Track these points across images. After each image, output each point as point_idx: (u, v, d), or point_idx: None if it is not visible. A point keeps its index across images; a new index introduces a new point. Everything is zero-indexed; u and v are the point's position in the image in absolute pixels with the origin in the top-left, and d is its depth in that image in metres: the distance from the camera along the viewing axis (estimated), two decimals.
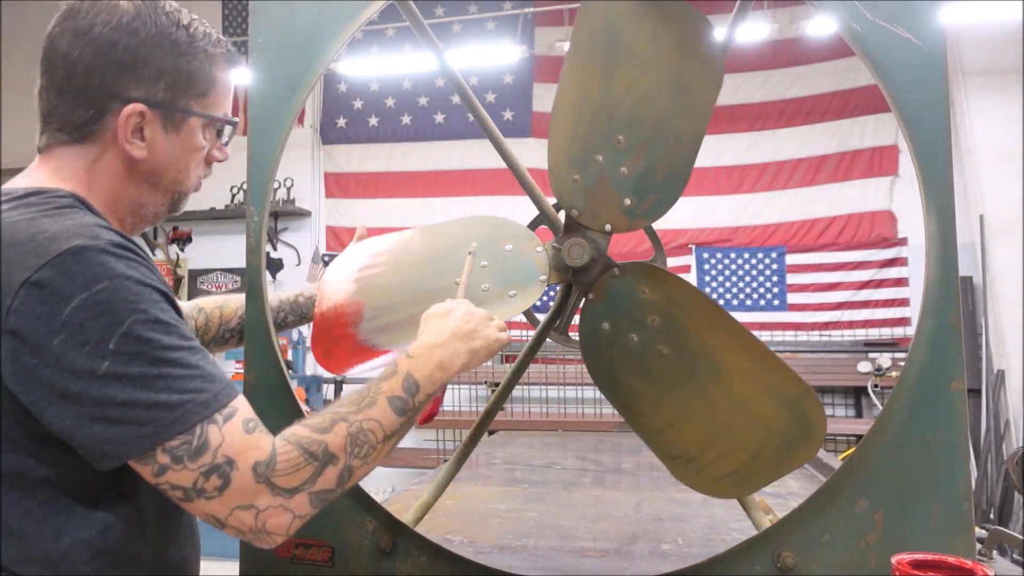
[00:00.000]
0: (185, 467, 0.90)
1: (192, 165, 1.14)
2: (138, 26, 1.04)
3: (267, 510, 0.93)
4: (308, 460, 0.96)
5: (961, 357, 1.31)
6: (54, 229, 0.92)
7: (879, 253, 6.22)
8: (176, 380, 0.90)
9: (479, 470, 2.85)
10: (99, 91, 1.03)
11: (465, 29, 6.83)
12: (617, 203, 1.38)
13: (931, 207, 1.33)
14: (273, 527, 0.94)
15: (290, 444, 0.96)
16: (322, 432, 0.98)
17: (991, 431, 5.47)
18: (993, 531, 1.57)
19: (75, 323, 0.86)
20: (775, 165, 6.48)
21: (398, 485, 6.09)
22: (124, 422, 0.88)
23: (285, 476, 0.94)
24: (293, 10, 1.52)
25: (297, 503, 0.95)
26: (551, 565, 1.65)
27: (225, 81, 1.15)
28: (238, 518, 0.92)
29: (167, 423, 0.89)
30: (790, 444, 1.35)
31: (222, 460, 0.91)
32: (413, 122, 7.05)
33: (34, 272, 0.87)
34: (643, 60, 1.36)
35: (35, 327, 0.87)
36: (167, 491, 0.92)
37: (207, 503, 0.92)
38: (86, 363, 0.87)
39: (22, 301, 0.87)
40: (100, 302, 0.88)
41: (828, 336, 6.25)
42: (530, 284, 1.44)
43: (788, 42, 6.36)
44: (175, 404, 0.89)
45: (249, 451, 0.93)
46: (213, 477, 0.91)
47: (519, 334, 5.98)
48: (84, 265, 0.89)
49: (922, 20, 1.34)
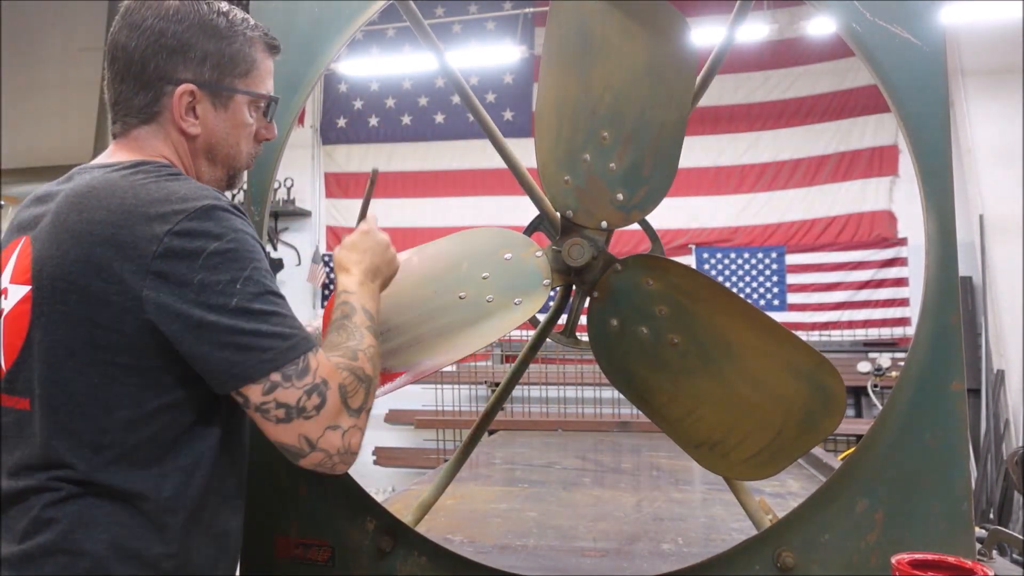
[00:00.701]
0: (293, 385, 1.03)
1: (242, 141, 1.26)
2: (183, 15, 1.17)
3: (349, 430, 1.07)
4: (359, 382, 1.10)
5: (961, 357, 1.31)
6: (183, 190, 1.07)
7: (879, 253, 6.22)
8: (286, 318, 1.06)
9: (479, 470, 2.85)
10: (154, 75, 1.17)
11: (465, 29, 6.83)
12: (610, 199, 1.39)
13: (931, 207, 1.33)
14: (355, 445, 1.09)
15: (345, 372, 1.09)
16: (354, 360, 1.12)
17: (991, 431, 5.47)
18: (993, 531, 1.57)
19: (210, 266, 1.02)
20: (775, 165, 6.48)
21: (398, 485, 6.09)
22: (249, 349, 1.02)
23: (352, 397, 1.09)
24: (293, 10, 1.52)
25: (363, 420, 1.10)
26: (551, 565, 1.65)
27: (265, 62, 1.27)
28: (328, 439, 1.05)
29: (283, 350, 1.03)
30: (812, 417, 1.34)
31: (320, 380, 1.05)
32: (413, 122, 7.05)
33: (175, 225, 1.02)
34: (616, 55, 1.36)
35: (178, 269, 1.01)
36: (270, 411, 1.03)
37: (304, 423, 1.04)
38: (219, 299, 1.02)
39: (166, 249, 1.01)
40: (229, 251, 1.04)
41: (828, 336, 6.25)
42: (534, 289, 1.43)
43: (788, 42, 6.36)
44: (288, 335, 1.04)
45: (334, 374, 1.07)
46: (314, 396, 1.04)
47: (519, 334, 5.99)
48: (216, 220, 1.05)
49: (922, 20, 1.34)
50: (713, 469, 1.41)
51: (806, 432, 1.35)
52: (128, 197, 1.05)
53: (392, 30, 6.79)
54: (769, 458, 1.37)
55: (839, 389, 1.33)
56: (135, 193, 1.06)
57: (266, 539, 1.47)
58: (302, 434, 1.04)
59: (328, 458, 1.06)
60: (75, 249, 1.04)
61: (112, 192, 1.07)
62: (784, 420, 1.35)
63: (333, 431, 1.06)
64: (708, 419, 1.39)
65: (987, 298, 5.74)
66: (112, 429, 1.04)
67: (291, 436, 1.04)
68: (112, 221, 1.03)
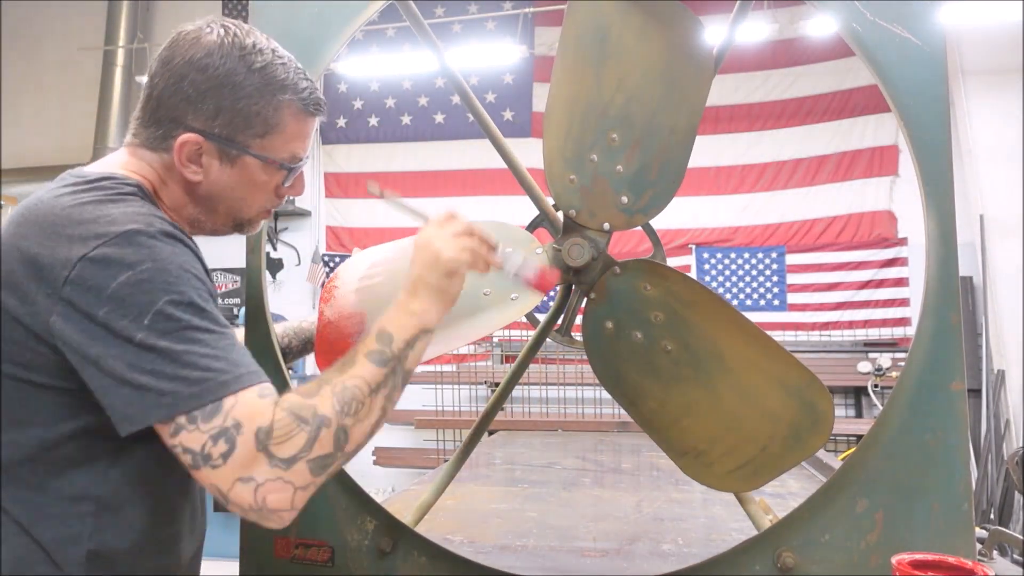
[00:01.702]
0: (198, 428, 0.94)
1: (250, 196, 1.20)
2: (208, 63, 1.12)
3: (265, 484, 0.94)
4: (300, 425, 0.97)
5: (961, 357, 1.31)
6: (115, 213, 1.02)
7: (879, 253, 6.22)
8: (201, 358, 0.96)
9: (479, 470, 2.85)
10: (165, 116, 1.14)
11: (465, 29, 6.83)
12: (614, 201, 1.38)
13: (931, 207, 1.33)
14: (274, 503, 0.95)
15: (283, 411, 0.97)
16: (309, 397, 1.00)
17: (991, 431, 5.47)
18: (993, 531, 1.57)
19: (119, 297, 0.96)
20: (775, 165, 6.48)
21: (398, 485, 6.09)
22: (147, 389, 0.95)
23: (281, 444, 0.95)
24: (293, 10, 1.52)
25: (296, 473, 0.95)
26: (551, 565, 1.65)
27: (295, 126, 1.18)
28: (238, 493, 0.94)
29: (185, 396, 0.95)
30: (799, 434, 1.34)
31: (231, 424, 0.94)
32: (413, 122, 7.04)
33: (92, 250, 0.97)
34: (631, 57, 1.36)
35: (85, 298, 0.96)
36: (180, 456, 0.96)
37: (212, 472, 0.94)
38: (124, 332, 0.95)
39: (78, 274, 0.97)
40: (142, 280, 0.97)
41: (828, 336, 6.25)
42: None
43: (788, 42, 6.35)
44: (196, 380, 0.95)
45: (256, 415, 0.95)
46: (220, 442, 0.94)
47: (519, 334, 6.01)
48: (135, 247, 0.98)
49: (922, 20, 1.34)
50: (697, 478, 1.42)
51: (792, 448, 1.36)
52: (61, 216, 1.01)
53: (392, 30, 6.79)
54: (753, 472, 1.38)
55: (828, 408, 1.33)
56: (68, 213, 1.02)
57: (266, 539, 1.47)
58: (212, 483, 0.95)
59: (245, 513, 0.95)
60: (5, 263, 1.01)
61: (50, 208, 1.03)
62: (771, 435, 1.35)
63: (244, 484, 0.93)
64: (695, 428, 1.39)
65: (987, 298, 5.74)
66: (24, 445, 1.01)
67: (205, 484, 0.96)
68: (38, 240, 1.00)
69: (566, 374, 5.52)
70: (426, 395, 6.17)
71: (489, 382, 6.10)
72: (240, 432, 0.94)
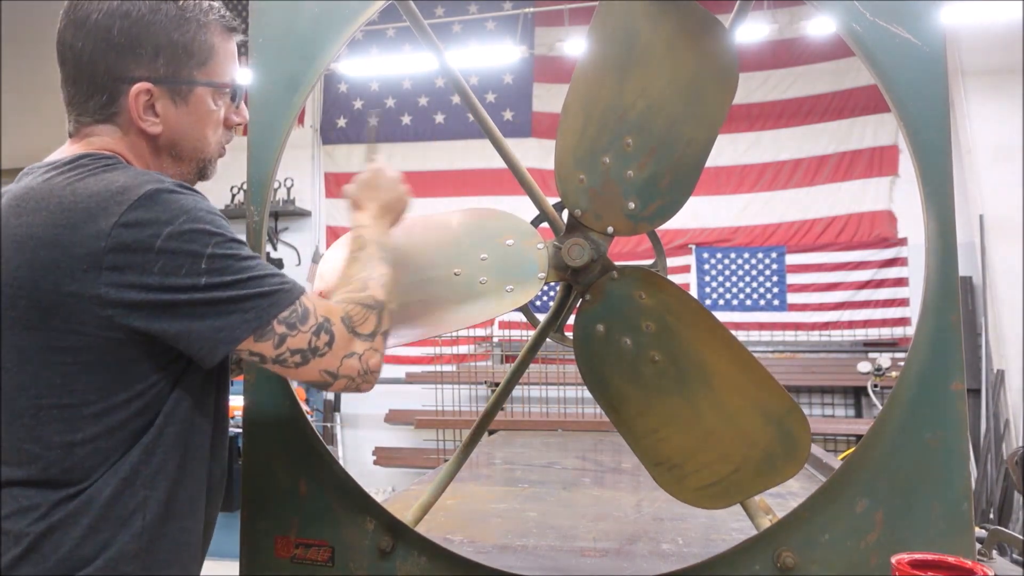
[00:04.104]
0: (299, 330, 1.07)
1: (209, 132, 1.21)
2: (128, 8, 1.10)
3: (364, 353, 1.12)
4: (367, 310, 1.14)
5: (961, 357, 1.31)
6: (121, 180, 1.03)
7: (879, 253, 6.22)
8: (263, 277, 1.06)
9: (479, 470, 2.85)
10: (106, 76, 1.11)
11: (465, 29, 6.83)
12: (621, 206, 1.38)
13: (931, 207, 1.33)
14: (374, 365, 1.13)
15: (349, 304, 1.13)
16: (363, 290, 1.16)
17: (991, 431, 5.47)
18: (993, 531, 1.57)
19: (169, 251, 1.00)
20: (775, 165, 6.49)
21: (398, 485, 6.09)
22: (231, 313, 1.03)
23: (361, 325, 1.12)
24: (293, 10, 1.52)
25: (379, 342, 1.15)
26: (551, 565, 1.65)
27: (224, 46, 1.21)
28: (348, 366, 1.11)
29: (266, 307, 1.05)
30: (772, 461, 1.35)
31: (322, 319, 1.09)
32: (413, 122, 7.05)
33: (120, 216, 0.99)
34: (658, 65, 1.35)
35: (134, 260, 0.99)
36: (287, 360, 1.07)
37: (322, 360, 1.09)
38: (187, 281, 1.01)
39: (117, 240, 0.99)
40: (184, 231, 1.01)
41: (828, 336, 6.26)
42: (528, 280, 1.44)
43: (788, 42, 6.36)
44: (268, 292, 1.05)
45: (332, 311, 1.11)
46: (322, 334, 1.08)
47: (519, 334, 6.01)
48: (162, 203, 1.01)
49: (922, 20, 1.34)
50: (668, 490, 1.42)
51: (764, 473, 1.36)
52: (66, 195, 1.02)
53: (392, 30, 6.80)
54: (723, 491, 1.38)
55: (804, 439, 1.34)
56: (72, 190, 1.02)
57: (266, 539, 1.47)
58: (322, 369, 1.09)
59: (351, 381, 1.12)
60: (18, 255, 1.01)
61: (50, 192, 1.03)
62: (745, 457, 1.36)
63: (350, 358, 1.11)
64: (672, 440, 1.39)
65: (987, 298, 5.74)
66: (84, 427, 1.02)
67: (313, 374, 1.09)
68: (52, 222, 1.00)
69: (566, 374, 5.52)
70: (426, 395, 6.17)
71: (489, 382, 6.10)
72: (332, 325, 1.09)
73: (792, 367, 6.07)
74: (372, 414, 6.75)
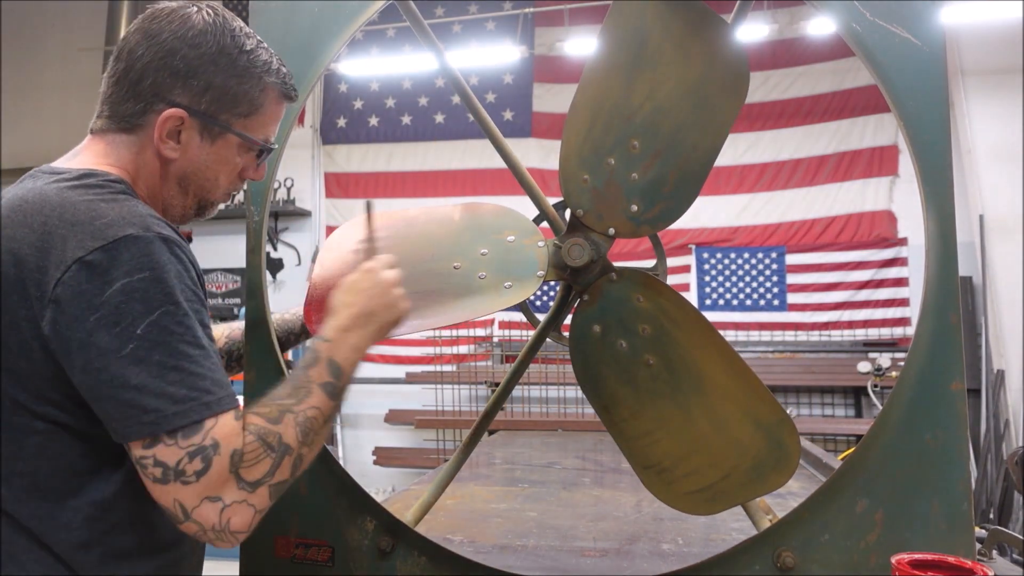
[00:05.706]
0: (177, 444, 0.94)
1: (222, 176, 1.20)
2: (201, 41, 1.12)
3: (232, 505, 0.96)
4: (267, 451, 0.99)
5: (961, 357, 1.31)
6: (111, 215, 0.99)
7: (879, 253, 6.22)
8: (188, 376, 0.96)
9: (479, 470, 2.85)
10: (149, 90, 1.12)
11: (465, 29, 6.83)
12: (624, 208, 1.38)
13: (931, 207, 1.33)
14: (236, 525, 0.96)
15: (251, 435, 0.99)
16: (274, 423, 1.01)
17: (991, 431, 5.47)
18: (993, 531, 1.57)
19: (112, 304, 0.94)
20: (775, 165, 6.49)
21: (398, 485, 6.09)
22: (131, 406, 0.94)
23: (249, 468, 0.97)
24: (293, 10, 1.52)
25: (258, 497, 0.98)
26: (551, 565, 1.65)
27: (273, 109, 1.21)
28: (203, 511, 0.95)
29: (169, 415, 0.94)
30: (762, 469, 1.35)
31: (210, 443, 0.95)
32: (413, 122, 7.05)
33: (88, 253, 0.95)
34: (668, 68, 1.34)
35: (77, 301, 0.94)
36: (148, 467, 0.95)
37: (180, 488, 0.94)
38: (113, 342, 0.93)
39: (71, 276, 0.95)
40: (138, 289, 0.95)
41: (828, 336, 6.26)
42: (527, 278, 1.44)
43: (788, 42, 6.36)
44: (181, 398, 0.95)
45: (232, 437, 0.97)
46: (196, 460, 0.94)
47: (519, 334, 6.01)
48: (132, 253, 0.96)
49: (922, 20, 1.34)
50: (656, 493, 1.42)
51: (753, 482, 1.36)
52: (53, 215, 0.99)
53: (392, 30, 6.79)
54: (711, 497, 1.38)
55: (794, 449, 1.34)
56: (61, 212, 0.99)
57: (266, 539, 1.47)
58: (176, 499, 0.94)
59: (202, 532, 0.95)
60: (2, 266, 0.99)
61: (40, 207, 1.01)
62: (734, 465, 1.36)
63: (211, 503, 0.94)
64: (663, 444, 1.39)
65: (987, 298, 5.74)
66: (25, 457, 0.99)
67: (167, 499, 0.95)
68: (31, 240, 0.98)
69: (566, 374, 5.52)
70: (426, 395, 6.17)
71: (489, 382, 6.10)
72: (217, 452, 0.95)
73: (792, 367, 6.08)
74: (372, 414, 6.75)
